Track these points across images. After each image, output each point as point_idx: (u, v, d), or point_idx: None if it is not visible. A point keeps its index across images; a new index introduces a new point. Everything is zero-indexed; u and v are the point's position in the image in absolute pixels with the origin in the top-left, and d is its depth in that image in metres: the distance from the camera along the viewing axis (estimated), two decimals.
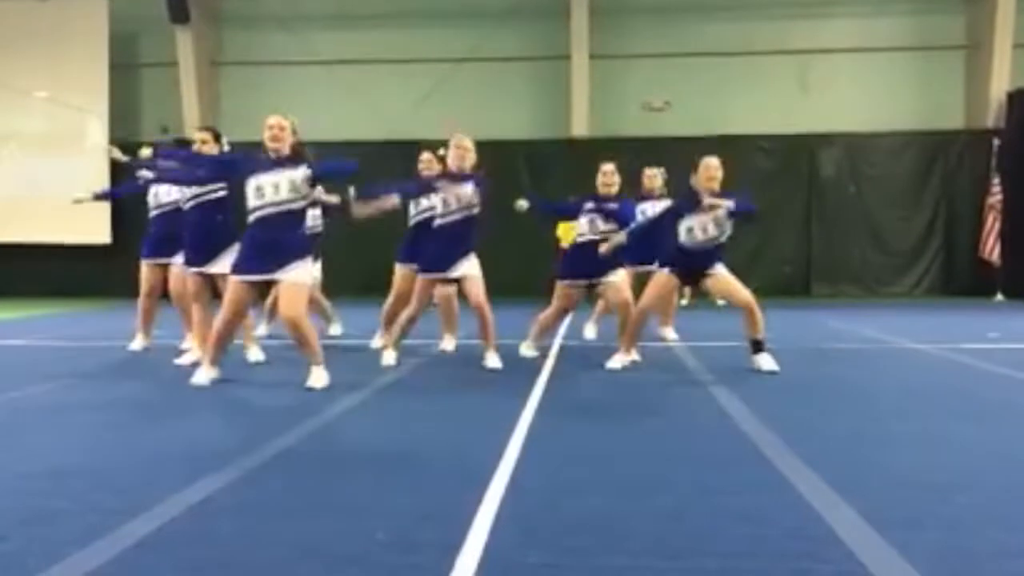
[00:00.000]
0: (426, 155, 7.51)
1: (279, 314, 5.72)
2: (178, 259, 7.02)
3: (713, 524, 2.86)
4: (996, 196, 14.66)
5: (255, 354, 6.97)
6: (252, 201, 5.63)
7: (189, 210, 6.75)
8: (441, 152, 7.34)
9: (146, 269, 7.71)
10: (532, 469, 3.55)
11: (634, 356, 6.72)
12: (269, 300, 8.01)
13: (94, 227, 15.73)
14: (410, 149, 7.81)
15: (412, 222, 7.47)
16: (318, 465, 3.71)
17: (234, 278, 5.70)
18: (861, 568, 2.48)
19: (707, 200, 6.24)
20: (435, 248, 6.59)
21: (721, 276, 6.40)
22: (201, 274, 6.74)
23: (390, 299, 7.57)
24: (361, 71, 15.95)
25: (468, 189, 6.50)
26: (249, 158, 5.85)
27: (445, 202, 6.54)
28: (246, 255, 5.68)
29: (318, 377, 5.62)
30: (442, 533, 2.75)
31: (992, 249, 14.66)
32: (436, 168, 7.33)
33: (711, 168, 6.39)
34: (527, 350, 7.14)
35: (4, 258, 15.82)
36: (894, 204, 15.42)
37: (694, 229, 6.34)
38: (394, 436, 4.33)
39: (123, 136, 15.99)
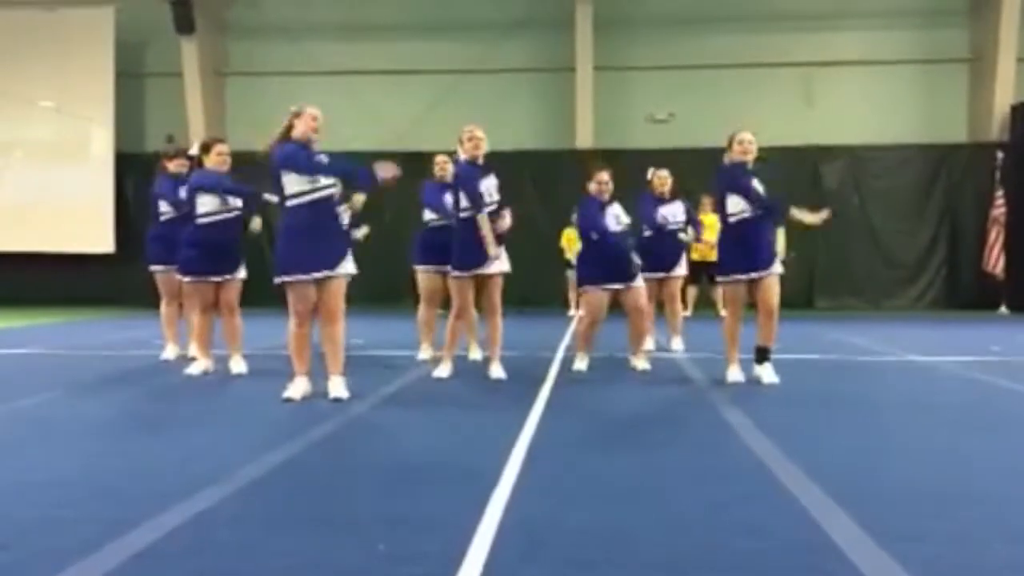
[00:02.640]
0: (440, 157, 7.50)
1: (322, 308, 5.53)
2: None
3: (716, 537, 2.86)
4: (1000, 209, 14.64)
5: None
6: (290, 189, 5.47)
7: (213, 223, 6.74)
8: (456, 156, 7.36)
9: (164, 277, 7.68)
10: (535, 481, 3.55)
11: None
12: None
13: (98, 236, 15.77)
14: (416, 159, 7.85)
15: (431, 224, 7.42)
16: (321, 476, 3.71)
17: (288, 279, 5.51)
18: None
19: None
20: (462, 245, 6.40)
21: (773, 279, 6.24)
22: (216, 284, 6.76)
23: (421, 305, 7.61)
24: (367, 81, 15.99)
25: (494, 183, 6.41)
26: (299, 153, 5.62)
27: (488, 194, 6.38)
28: (292, 251, 5.49)
29: (338, 387, 5.55)
30: (444, 545, 2.75)
31: (996, 262, 14.64)
32: (450, 170, 7.30)
33: (744, 142, 6.39)
34: (578, 363, 7.02)
35: (9, 266, 15.83)
36: (898, 217, 15.40)
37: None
38: (397, 446, 4.33)
39: (128, 146, 16.08)
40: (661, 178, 8.35)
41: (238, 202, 6.81)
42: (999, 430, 4.77)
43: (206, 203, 6.75)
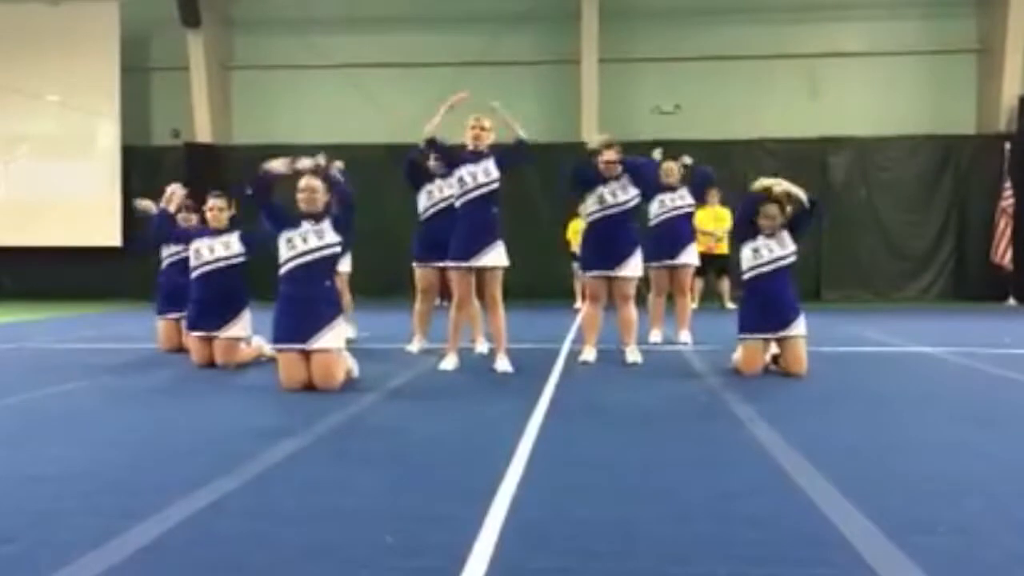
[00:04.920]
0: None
1: (315, 381, 5.62)
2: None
3: (723, 529, 2.85)
4: (1008, 200, 14.57)
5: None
6: (284, 253, 5.73)
7: (204, 275, 6.83)
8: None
9: (164, 325, 7.78)
10: (541, 473, 3.54)
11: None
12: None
13: (105, 230, 15.79)
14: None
15: (424, 216, 7.48)
16: (327, 468, 3.71)
17: (277, 347, 5.79)
18: (872, 573, 2.46)
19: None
20: (457, 234, 6.44)
21: (799, 343, 6.30)
22: (208, 339, 6.80)
23: (418, 300, 7.64)
24: (372, 74, 15.98)
25: (484, 167, 6.37)
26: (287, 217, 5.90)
27: (461, 181, 6.40)
28: (280, 321, 5.74)
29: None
30: (451, 537, 2.74)
31: (1004, 254, 14.58)
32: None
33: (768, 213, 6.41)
34: (585, 355, 7.00)
35: (15, 260, 15.88)
36: (905, 208, 15.34)
37: (760, 249, 6.32)
38: (403, 439, 4.33)
39: (134, 140, 16.09)
40: (665, 170, 8.25)
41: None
42: (1006, 422, 4.75)
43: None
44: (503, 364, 6.48)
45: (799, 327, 6.30)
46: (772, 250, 6.30)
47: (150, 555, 2.64)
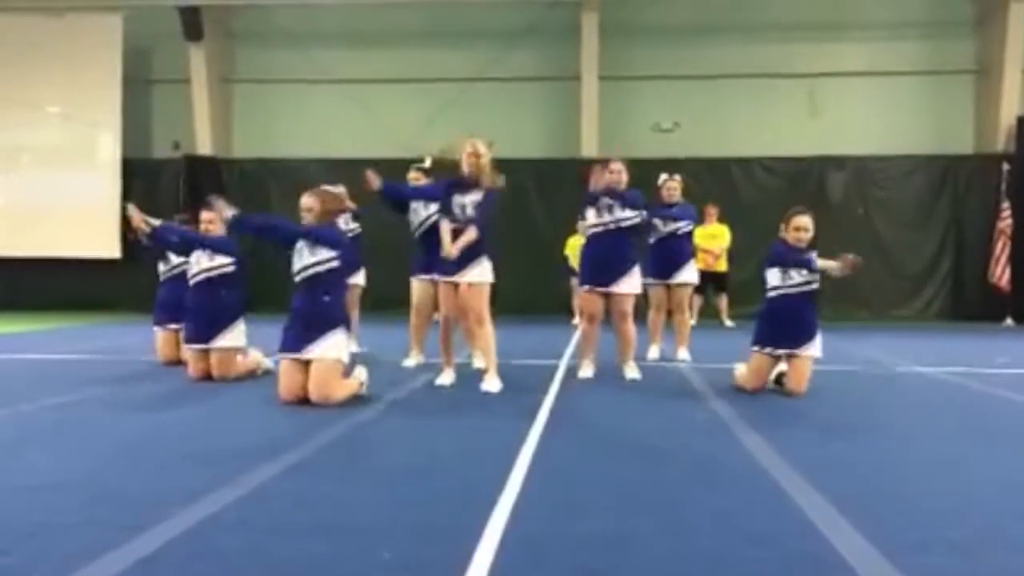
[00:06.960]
0: (412, 174, 7.70)
1: (310, 393, 5.63)
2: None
3: (721, 547, 2.85)
4: (1006, 221, 14.60)
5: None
6: (295, 265, 5.82)
7: (195, 285, 6.92)
8: (426, 164, 7.54)
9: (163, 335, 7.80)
10: (539, 489, 3.54)
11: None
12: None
13: (104, 241, 15.79)
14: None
15: (417, 233, 7.49)
16: (324, 482, 3.70)
17: (278, 355, 5.87)
18: None
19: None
20: (439, 252, 6.41)
21: (807, 362, 6.27)
22: (203, 351, 6.83)
23: (412, 314, 7.65)
24: (373, 89, 16.03)
25: (473, 199, 6.27)
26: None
27: (451, 213, 6.33)
28: (286, 332, 5.81)
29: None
30: (448, 552, 2.74)
31: (1002, 274, 14.60)
32: (424, 183, 7.51)
33: (801, 229, 6.36)
34: (584, 371, 7.02)
35: (15, 271, 15.85)
36: (903, 227, 15.37)
37: (790, 271, 6.28)
38: (400, 455, 4.33)
39: (135, 152, 16.13)
40: (669, 189, 8.32)
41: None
42: (1003, 442, 4.76)
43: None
44: (489, 383, 6.29)
45: (812, 348, 6.25)
46: (802, 274, 6.25)
47: (148, 567, 2.63)
